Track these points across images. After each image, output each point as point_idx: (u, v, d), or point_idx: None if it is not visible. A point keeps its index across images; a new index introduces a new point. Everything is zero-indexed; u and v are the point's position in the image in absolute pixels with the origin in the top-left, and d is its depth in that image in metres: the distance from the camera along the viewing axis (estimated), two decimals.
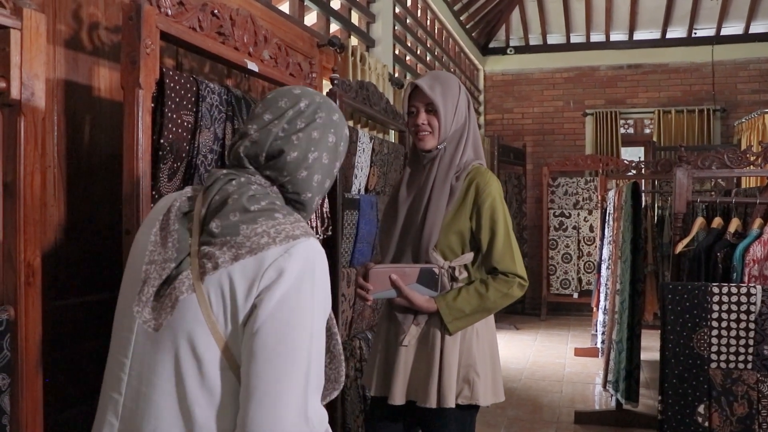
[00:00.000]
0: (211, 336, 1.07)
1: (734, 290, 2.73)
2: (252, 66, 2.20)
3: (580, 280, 7.85)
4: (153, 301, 1.12)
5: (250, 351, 1.03)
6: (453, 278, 2.00)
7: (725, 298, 2.73)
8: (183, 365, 1.07)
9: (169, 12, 1.81)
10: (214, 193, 1.15)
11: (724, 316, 2.73)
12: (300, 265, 1.07)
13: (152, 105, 1.76)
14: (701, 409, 2.73)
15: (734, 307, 2.72)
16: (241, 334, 1.07)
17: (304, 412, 1.03)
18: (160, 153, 1.79)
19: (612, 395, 4.37)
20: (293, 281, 1.06)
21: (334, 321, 1.20)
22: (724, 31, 8.02)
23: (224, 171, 1.20)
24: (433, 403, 1.94)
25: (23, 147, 1.41)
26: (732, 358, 2.71)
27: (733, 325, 2.72)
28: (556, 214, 7.94)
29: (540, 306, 7.85)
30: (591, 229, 7.77)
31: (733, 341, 2.72)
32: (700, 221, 3.27)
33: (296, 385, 1.03)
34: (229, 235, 1.09)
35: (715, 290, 2.75)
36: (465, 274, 2.01)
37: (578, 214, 7.87)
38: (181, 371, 1.07)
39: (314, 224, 2.59)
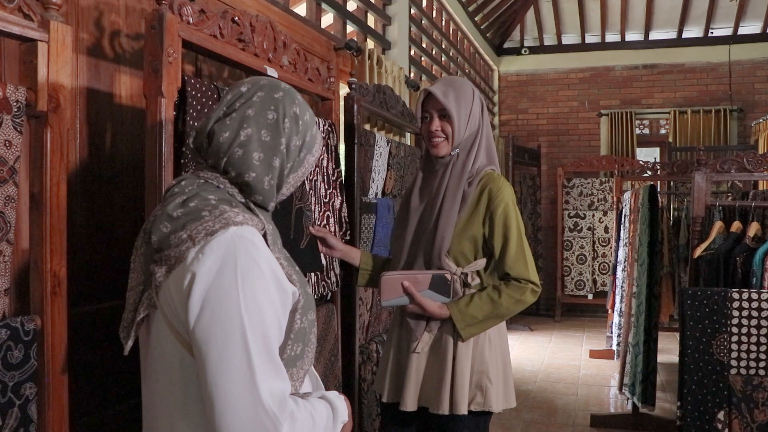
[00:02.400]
0: (181, 347, 1.08)
1: (755, 296, 2.71)
2: (272, 72, 2.21)
3: (594, 282, 7.81)
4: (131, 324, 1.16)
5: (194, 351, 1.04)
6: (465, 284, 1.99)
7: (745, 304, 2.71)
8: (168, 378, 1.12)
9: (191, 20, 1.82)
10: (158, 208, 1.17)
11: (744, 322, 2.71)
12: (217, 260, 1.05)
13: (174, 113, 1.77)
14: (721, 415, 2.71)
15: (755, 313, 2.70)
16: None
17: (258, 401, 1.02)
18: (182, 161, 1.79)
19: (628, 398, 4.35)
20: (213, 279, 1.04)
21: (302, 299, 1.16)
22: (742, 31, 7.95)
23: (177, 178, 1.22)
24: (445, 410, 1.94)
25: (49, 158, 1.43)
26: (752, 364, 2.69)
27: (754, 331, 2.70)
28: (571, 215, 7.91)
29: (554, 307, 7.83)
30: (606, 230, 7.73)
31: (753, 347, 2.70)
32: (718, 225, 3.25)
33: (238, 377, 1.01)
34: (164, 248, 1.09)
35: (735, 296, 2.73)
36: (477, 280, 2.00)
37: (593, 215, 7.83)
38: (168, 384, 1.12)
39: (332, 229, 2.60)
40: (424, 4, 5.66)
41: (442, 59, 6.32)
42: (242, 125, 1.17)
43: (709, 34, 8.08)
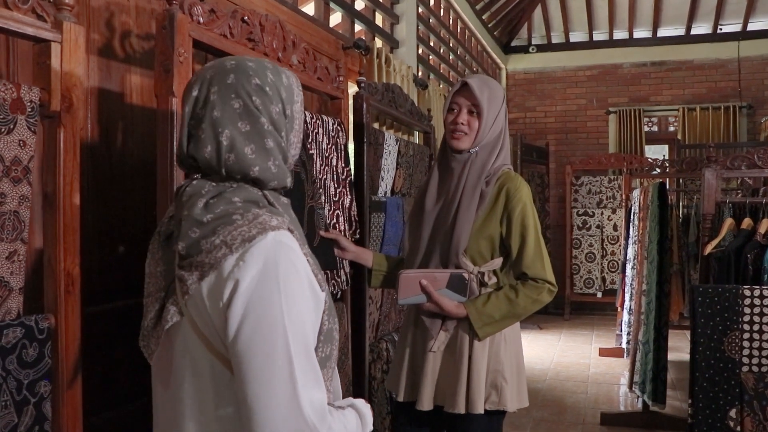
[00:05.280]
0: (211, 355, 1.06)
1: (766, 293, 2.69)
2: None
3: (603, 280, 7.79)
4: (155, 331, 1.12)
5: (233, 361, 1.01)
6: (482, 283, 1.99)
7: (757, 301, 2.70)
8: (197, 385, 1.08)
9: (201, 20, 1.83)
10: (176, 211, 1.12)
11: (756, 319, 2.70)
12: (258, 268, 1.01)
13: None
14: (733, 413, 2.70)
15: (766, 311, 2.68)
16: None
17: (299, 413, 1.00)
18: None
19: (638, 396, 4.34)
20: (254, 287, 1.00)
21: (327, 300, 1.14)
22: (751, 27, 7.90)
23: (188, 179, 1.15)
24: (461, 409, 1.94)
25: (63, 157, 1.44)
26: (764, 361, 2.68)
27: (765, 328, 2.68)
28: (580, 213, 7.89)
29: (563, 305, 7.81)
30: (615, 228, 7.71)
31: (765, 344, 2.68)
32: (729, 222, 3.23)
33: (281, 389, 0.99)
34: (194, 254, 1.05)
35: (747, 293, 2.72)
36: (494, 280, 2.00)
37: (602, 213, 7.81)
38: (198, 392, 1.08)
39: (342, 227, 2.60)
40: (432, 2, 5.66)
41: (450, 58, 6.32)
42: (216, 131, 1.10)
43: (718, 31, 8.03)
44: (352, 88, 2.96)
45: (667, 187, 5.72)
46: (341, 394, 1.29)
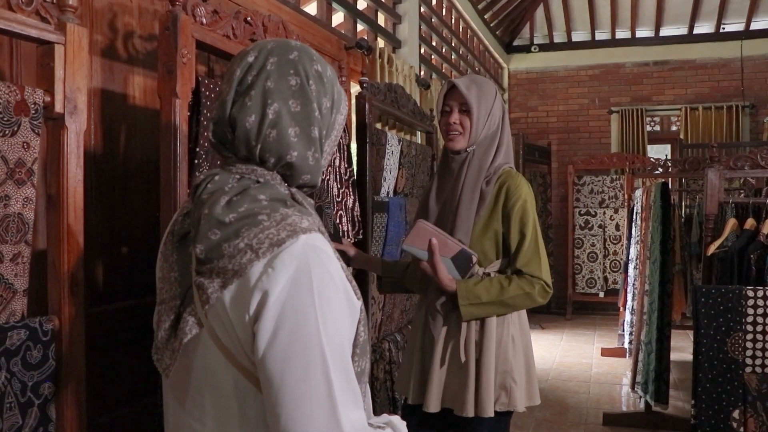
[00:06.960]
0: (233, 367, 0.97)
1: None
2: None
3: (606, 279, 7.79)
4: (170, 343, 1.02)
5: (263, 380, 0.93)
6: None
7: (760, 302, 2.69)
8: (219, 402, 1.00)
9: (204, 21, 1.83)
10: (194, 209, 1.02)
11: (759, 320, 2.69)
12: (289, 275, 0.92)
13: (188, 113, 1.77)
14: (736, 414, 2.69)
15: None
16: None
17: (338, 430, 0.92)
18: (196, 161, 1.80)
19: (641, 397, 4.33)
20: (285, 298, 0.91)
21: (363, 311, 1.04)
22: (754, 26, 7.88)
23: (207, 173, 1.06)
24: (470, 412, 1.93)
25: (66, 159, 1.43)
26: None
27: None
28: (582, 212, 7.88)
29: (565, 305, 7.80)
30: (617, 227, 7.71)
31: None
32: (732, 222, 3.23)
33: (319, 410, 0.90)
34: (215, 258, 0.95)
35: (750, 293, 2.72)
36: None
37: (604, 213, 7.81)
38: (220, 409, 1.00)
39: (345, 228, 2.60)
40: (434, 2, 5.65)
41: (452, 57, 6.31)
42: (266, 101, 1.02)
43: (721, 30, 8.02)
44: (355, 88, 2.96)
45: (670, 186, 5.72)
46: (371, 410, 1.20)
